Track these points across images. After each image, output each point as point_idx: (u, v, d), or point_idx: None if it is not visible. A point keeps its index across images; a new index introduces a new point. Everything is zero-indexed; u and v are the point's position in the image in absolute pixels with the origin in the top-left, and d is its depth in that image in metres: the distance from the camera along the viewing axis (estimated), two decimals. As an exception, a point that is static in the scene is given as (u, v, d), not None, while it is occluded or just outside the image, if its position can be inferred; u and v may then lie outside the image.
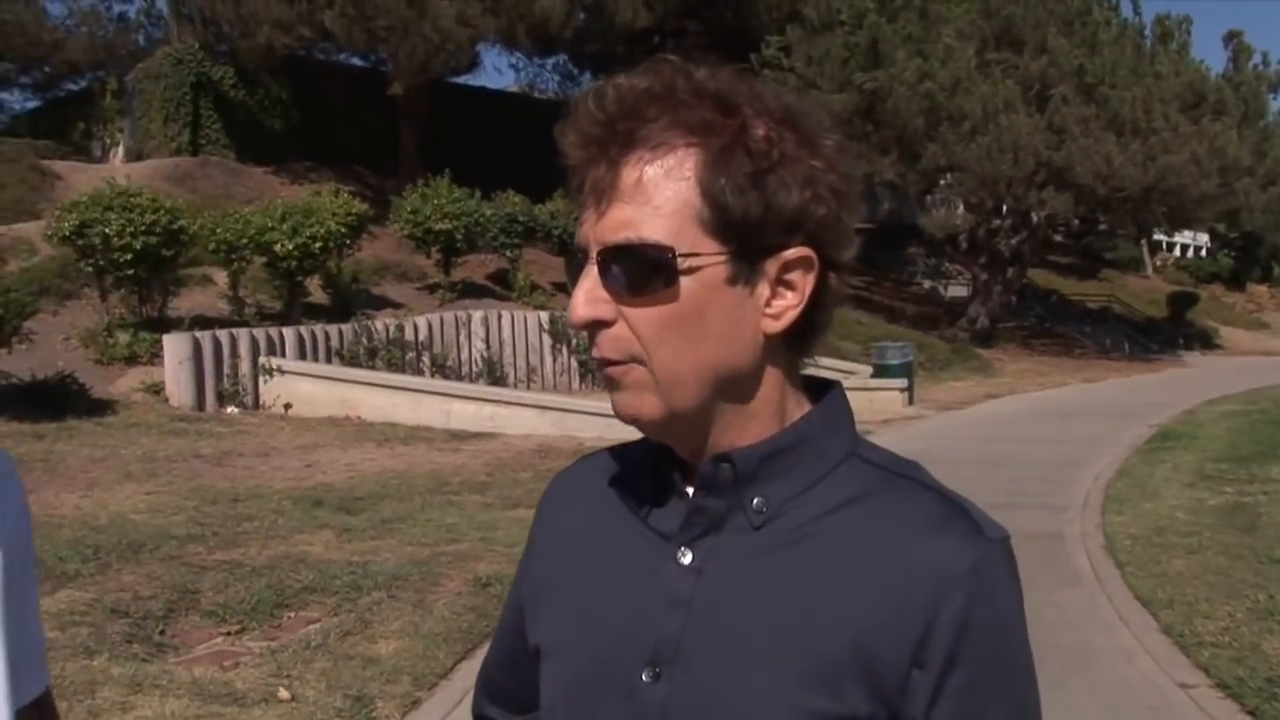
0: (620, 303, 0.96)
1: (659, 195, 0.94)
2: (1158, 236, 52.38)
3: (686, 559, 1.01)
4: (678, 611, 1.00)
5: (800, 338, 1.01)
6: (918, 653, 0.94)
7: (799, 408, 1.04)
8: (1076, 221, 34.87)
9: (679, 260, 0.94)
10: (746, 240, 0.95)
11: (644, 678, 0.99)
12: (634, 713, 1.00)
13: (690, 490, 1.03)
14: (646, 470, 1.08)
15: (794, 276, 0.98)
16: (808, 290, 0.98)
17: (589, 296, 0.97)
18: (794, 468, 1.01)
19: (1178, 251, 60.28)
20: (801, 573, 0.98)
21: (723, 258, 0.95)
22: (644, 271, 0.95)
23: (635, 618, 1.02)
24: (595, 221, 0.97)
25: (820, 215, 0.96)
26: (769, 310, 0.98)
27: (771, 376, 1.01)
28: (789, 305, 0.98)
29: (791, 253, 0.97)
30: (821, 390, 1.07)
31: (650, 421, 1.00)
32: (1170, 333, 41.05)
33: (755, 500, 1.00)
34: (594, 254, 0.97)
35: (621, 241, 0.95)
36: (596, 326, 0.98)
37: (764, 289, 0.97)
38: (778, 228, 0.96)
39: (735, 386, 0.99)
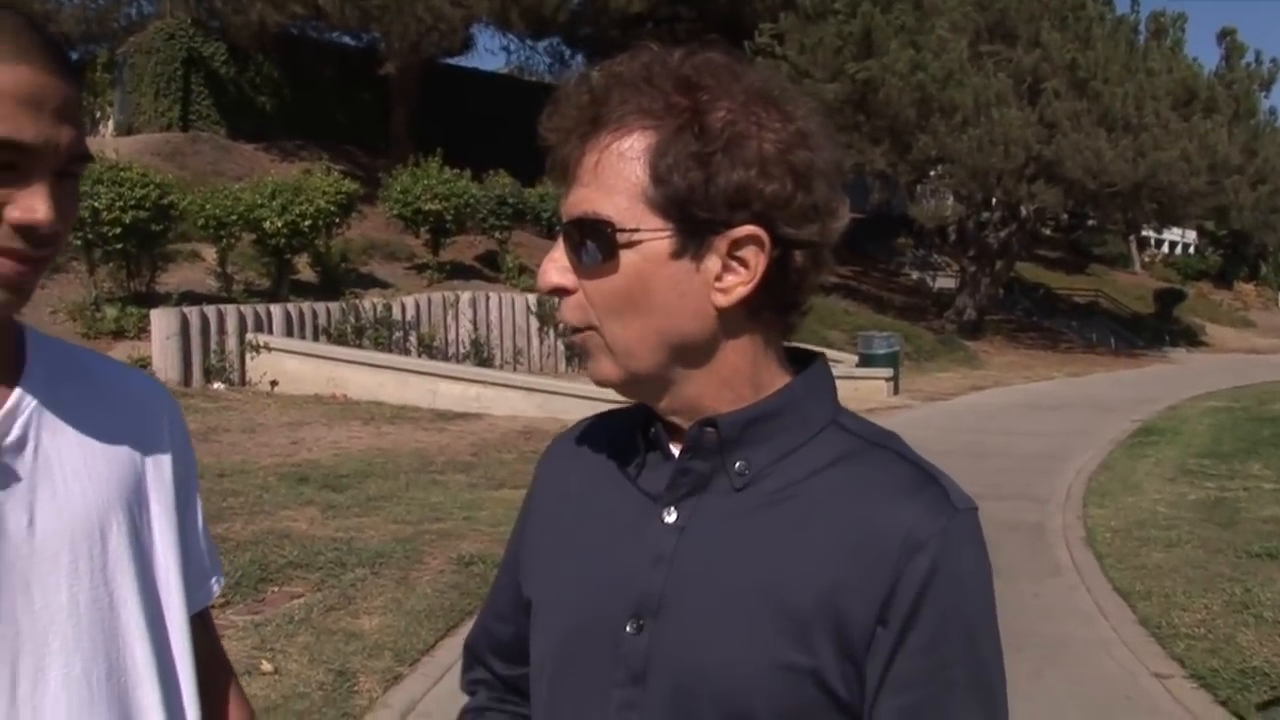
0: (577, 273, 1.04)
1: (613, 174, 1.00)
2: (1146, 233, 52.40)
3: (671, 518, 1.06)
4: (660, 567, 1.05)
5: (763, 312, 1.05)
6: (882, 611, 0.98)
7: (778, 378, 1.08)
8: (1065, 216, 35.03)
9: (619, 235, 1.00)
10: (690, 217, 1.00)
11: (628, 630, 1.04)
12: (618, 663, 1.05)
13: (677, 453, 1.08)
14: (638, 434, 1.13)
15: (746, 254, 1.01)
16: (760, 268, 1.01)
17: (555, 266, 1.05)
18: (776, 434, 1.05)
19: (1166, 248, 60.43)
20: (778, 533, 1.02)
21: (666, 233, 1.00)
22: (591, 244, 1.02)
23: (622, 573, 1.07)
24: (566, 198, 1.04)
25: (769, 193, 0.99)
26: (719, 285, 1.02)
27: (738, 347, 1.05)
28: (739, 281, 1.01)
29: (740, 230, 1.00)
30: (805, 362, 1.11)
31: (615, 382, 1.06)
32: (1157, 329, 41.13)
33: (738, 464, 1.05)
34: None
35: (578, 216, 1.02)
36: (560, 293, 1.05)
37: (714, 264, 1.01)
38: (722, 205, 0.99)
39: (691, 354, 1.04)
